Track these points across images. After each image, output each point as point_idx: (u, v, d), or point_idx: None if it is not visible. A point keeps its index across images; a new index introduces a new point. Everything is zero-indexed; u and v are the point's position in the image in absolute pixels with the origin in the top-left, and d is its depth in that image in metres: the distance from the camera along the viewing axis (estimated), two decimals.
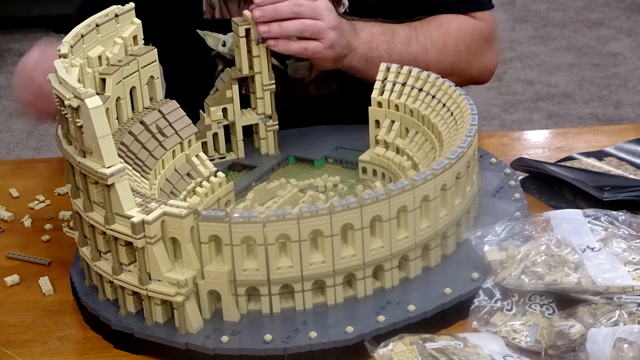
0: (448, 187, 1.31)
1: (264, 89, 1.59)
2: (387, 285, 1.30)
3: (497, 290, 1.28)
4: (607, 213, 1.38)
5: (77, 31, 1.38)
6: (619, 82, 4.09)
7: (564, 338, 1.17)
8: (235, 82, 1.58)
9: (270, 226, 1.21)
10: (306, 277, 1.25)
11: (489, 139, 1.78)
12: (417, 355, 1.15)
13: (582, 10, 4.83)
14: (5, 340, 1.32)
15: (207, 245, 1.23)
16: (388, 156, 1.54)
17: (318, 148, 1.66)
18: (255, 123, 1.63)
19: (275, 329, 1.24)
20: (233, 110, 1.60)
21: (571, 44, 4.48)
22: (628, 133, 1.77)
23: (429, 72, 1.52)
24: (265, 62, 1.57)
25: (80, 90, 1.19)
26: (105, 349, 1.29)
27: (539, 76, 4.17)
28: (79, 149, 1.25)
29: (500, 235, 1.35)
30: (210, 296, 1.26)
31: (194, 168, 1.49)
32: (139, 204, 1.24)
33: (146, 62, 1.46)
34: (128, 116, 1.45)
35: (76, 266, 1.40)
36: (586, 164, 1.64)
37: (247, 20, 1.54)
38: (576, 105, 3.92)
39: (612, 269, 1.26)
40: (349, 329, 1.23)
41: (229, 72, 1.58)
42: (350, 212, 1.23)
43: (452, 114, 1.45)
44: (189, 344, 1.23)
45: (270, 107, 1.61)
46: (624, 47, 4.41)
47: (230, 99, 1.58)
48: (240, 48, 1.56)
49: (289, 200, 1.47)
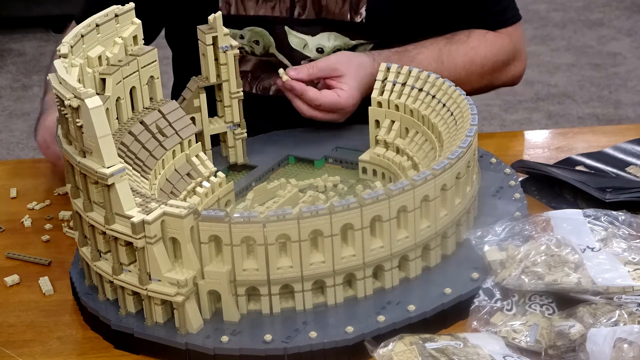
0: (448, 187, 1.31)
1: (232, 97, 1.57)
2: (387, 285, 1.30)
3: (497, 290, 1.28)
4: (607, 213, 1.38)
5: (77, 31, 1.38)
6: (619, 82, 4.09)
7: (564, 338, 1.17)
8: (202, 91, 1.55)
9: (270, 226, 1.21)
10: (306, 277, 1.25)
11: (489, 139, 1.78)
12: (417, 355, 1.15)
13: (582, 10, 4.83)
14: (5, 340, 1.32)
15: (207, 245, 1.23)
16: (388, 156, 1.54)
17: (318, 148, 1.66)
18: (223, 132, 1.61)
19: (275, 329, 1.24)
20: (201, 119, 1.57)
21: (571, 44, 4.48)
22: (628, 133, 1.77)
23: (429, 72, 1.52)
24: (232, 70, 1.55)
25: (80, 90, 1.19)
26: (105, 349, 1.29)
27: (539, 76, 4.17)
28: (79, 149, 1.25)
29: (500, 235, 1.35)
30: (210, 296, 1.26)
31: (194, 168, 1.49)
32: (139, 204, 1.24)
33: (146, 62, 1.46)
34: (128, 116, 1.45)
35: (76, 266, 1.40)
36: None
37: (213, 27, 1.53)
38: (576, 105, 3.92)
39: (612, 269, 1.26)
40: (349, 329, 1.23)
41: (195, 81, 1.56)
42: (350, 212, 1.23)
43: (452, 114, 1.45)
44: (189, 344, 1.23)
45: (238, 115, 1.59)
46: (624, 47, 4.41)
47: (198, 108, 1.56)
48: (207, 56, 1.54)
49: (289, 200, 1.47)
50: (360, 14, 1.72)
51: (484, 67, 1.78)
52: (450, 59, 1.74)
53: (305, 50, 1.75)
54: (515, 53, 1.83)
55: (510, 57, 1.82)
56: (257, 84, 1.80)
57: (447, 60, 1.73)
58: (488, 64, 1.78)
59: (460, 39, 1.77)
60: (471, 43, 1.77)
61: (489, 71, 1.79)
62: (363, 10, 1.72)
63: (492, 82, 1.82)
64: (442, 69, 1.72)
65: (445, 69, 1.72)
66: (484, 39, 1.78)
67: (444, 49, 1.74)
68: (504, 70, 1.82)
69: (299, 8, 1.73)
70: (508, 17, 1.82)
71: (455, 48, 1.75)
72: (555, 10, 4.84)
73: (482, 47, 1.77)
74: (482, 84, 1.80)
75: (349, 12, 1.72)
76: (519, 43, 1.84)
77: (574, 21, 4.71)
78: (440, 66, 1.72)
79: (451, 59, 1.74)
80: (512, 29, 1.82)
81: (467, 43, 1.76)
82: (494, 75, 1.81)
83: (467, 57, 1.75)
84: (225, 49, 1.53)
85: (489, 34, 1.79)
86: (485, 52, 1.77)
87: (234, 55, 1.54)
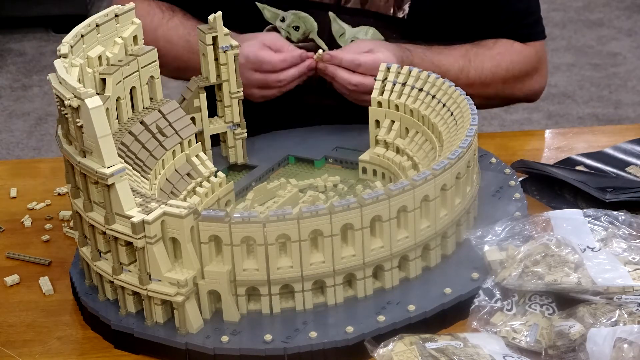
0: (448, 187, 1.31)
1: (232, 97, 1.57)
2: (387, 285, 1.30)
3: (497, 290, 1.28)
4: (607, 213, 1.38)
5: (77, 31, 1.38)
6: (619, 82, 4.09)
7: (564, 338, 1.17)
8: (202, 91, 1.55)
9: (270, 226, 1.21)
10: (306, 277, 1.25)
11: (489, 139, 1.78)
12: (417, 355, 1.15)
13: (582, 10, 4.83)
14: (5, 340, 1.32)
15: (207, 245, 1.23)
16: (388, 156, 1.54)
17: (318, 148, 1.66)
18: (223, 132, 1.61)
19: (275, 329, 1.24)
20: (201, 119, 1.57)
21: (571, 44, 4.48)
22: (628, 133, 1.77)
23: (429, 72, 1.52)
24: (232, 70, 1.55)
25: (80, 90, 1.19)
26: (105, 349, 1.29)
27: None
28: (79, 149, 1.25)
29: (500, 235, 1.35)
30: (210, 296, 1.26)
31: (194, 168, 1.49)
32: (139, 204, 1.24)
33: (146, 62, 1.46)
34: (128, 116, 1.45)
35: (76, 266, 1.40)
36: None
37: (213, 27, 1.53)
38: (576, 105, 3.92)
39: (612, 269, 1.26)
40: (349, 329, 1.23)
41: (195, 81, 1.55)
42: (350, 212, 1.23)
43: (452, 114, 1.45)
44: (189, 344, 1.23)
45: (238, 115, 1.59)
46: (624, 47, 4.41)
47: (198, 108, 1.55)
48: (207, 56, 1.54)
49: (289, 200, 1.47)
50: (403, 9, 1.75)
51: (509, 72, 1.79)
52: (477, 59, 1.76)
53: (340, 40, 1.76)
54: (539, 67, 1.85)
55: (534, 70, 1.84)
56: None
57: (474, 60, 1.76)
58: (513, 70, 1.80)
59: (487, 44, 1.79)
60: (498, 49, 1.79)
61: (512, 78, 1.81)
62: (406, 7, 1.75)
63: (514, 92, 1.84)
64: (469, 67, 1.74)
65: (472, 67, 1.75)
66: (511, 47, 1.80)
67: (471, 50, 1.77)
68: (527, 82, 1.84)
69: None
70: (537, 31, 1.85)
71: (483, 51, 1.78)
72: (555, 10, 4.83)
73: (509, 54, 1.80)
74: (505, 91, 1.82)
75: (393, 7, 1.75)
76: (542, 58, 1.86)
77: (574, 21, 4.71)
78: (467, 64, 1.75)
79: (478, 59, 1.76)
80: (539, 43, 1.85)
81: (494, 49, 1.79)
82: (517, 85, 1.83)
83: (494, 60, 1.78)
84: (225, 49, 1.53)
85: (516, 43, 1.81)
86: (512, 58, 1.80)
87: (234, 55, 1.54)
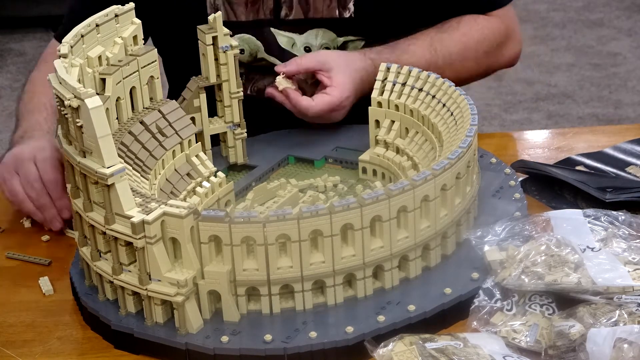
0: (448, 187, 1.31)
1: (232, 97, 1.57)
2: (387, 285, 1.30)
3: (497, 290, 1.28)
4: (607, 213, 1.38)
5: (77, 31, 1.38)
6: (619, 82, 4.09)
7: (564, 338, 1.17)
8: (202, 91, 1.55)
9: (270, 226, 1.21)
10: (306, 277, 1.25)
11: (489, 139, 1.78)
12: (417, 355, 1.15)
13: (582, 10, 4.83)
14: (5, 340, 1.32)
15: (207, 245, 1.23)
16: (388, 156, 1.54)
17: (318, 148, 1.66)
18: (223, 132, 1.61)
19: (275, 329, 1.24)
20: (201, 119, 1.57)
21: (571, 44, 4.48)
22: (628, 133, 1.77)
23: (429, 72, 1.52)
24: (232, 70, 1.55)
25: (80, 90, 1.19)
26: (105, 349, 1.29)
27: (539, 76, 4.17)
28: (79, 149, 1.25)
29: (500, 235, 1.35)
30: (210, 296, 1.26)
31: (194, 168, 1.49)
32: (139, 204, 1.24)
33: (146, 62, 1.46)
34: (128, 116, 1.45)
35: (76, 266, 1.40)
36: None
37: (213, 27, 1.53)
38: (576, 105, 3.92)
39: (612, 269, 1.26)
40: (349, 329, 1.23)
41: (195, 81, 1.55)
42: (350, 212, 1.23)
43: (452, 114, 1.45)
44: (189, 344, 1.23)
45: (238, 115, 1.59)
46: (624, 47, 4.41)
47: (198, 108, 1.55)
48: (207, 56, 1.54)
49: (289, 200, 1.47)
50: (348, 9, 1.72)
51: (478, 51, 1.76)
52: (443, 46, 1.73)
53: (293, 49, 1.75)
54: (509, 34, 1.81)
55: (504, 38, 1.80)
56: (252, 86, 1.79)
57: (440, 48, 1.72)
58: (482, 48, 1.77)
59: (451, 26, 1.75)
60: (463, 29, 1.75)
61: (483, 55, 1.77)
62: (351, 5, 1.72)
63: (489, 65, 1.81)
64: (437, 57, 1.71)
65: (439, 57, 1.71)
66: (475, 23, 1.77)
67: (435, 37, 1.73)
68: (499, 53, 1.81)
69: (285, 9, 1.73)
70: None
71: (448, 36, 1.74)
72: (555, 10, 4.83)
73: (474, 31, 1.76)
74: (479, 69, 1.79)
75: (337, 9, 1.72)
76: (511, 24, 1.82)
77: (574, 21, 4.71)
78: (434, 54, 1.71)
79: (444, 47, 1.73)
80: (503, 10, 1.80)
81: (458, 29, 1.75)
82: (490, 59, 1.79)
83: (460, 43, 1.74)
84: (225, 49, 1.53)
85: (479, 17, 1.77)
86: (478, 36, 1.76)
87: (234, 55, 1.54)
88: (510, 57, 1.84)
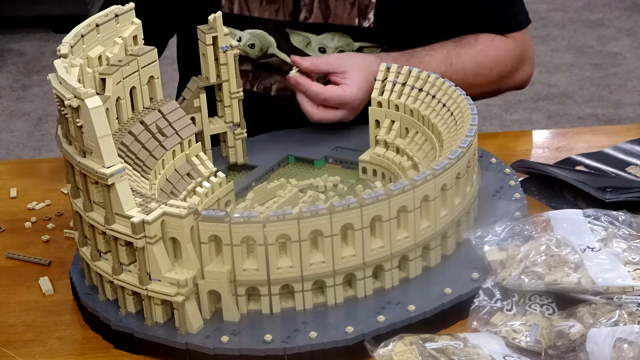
0: (448, 187, 1.31)
1: (232, 97, 1.57)
2: (387, 285, 1.30)
3: (497, 290, 1.28)
4: (607, 213, 1.38)
5: (77, 31, 1.38)
6: (619, 82, 4.09)
7: (564, 338, 1.17)
8: (202, 91, 1.55)
9: (270, 226, 1.21)
10: (306, 277, 1.25)
11: (489, 139, 1.78)
12: (417, 355, 1.15)
13: (582, 10, 4.83)
14: (5, 340, 1.32)
15: (207, 245, 1.23)
16: (388, 156, 1.54)
17: (318, 148, 1.66)
18: (223, 132, 1.61)
19: (275, 329, 1.24)
20: (201, 119, 1.57)
21: (571, 44, 4.48)
22: (628, 133, 1.77)
23: (429, 72, 1.52)
24: (232, 70, 1.55)
25: (80, 90, 1.19)
26: (105, 349, 1.29)
27: (539, 76, 4.17)
28: (79, 149, 1.25)
29: (500, 235, 1.35)
30: (210, 296, 1.26)
31: (194, 168, 1.49)
32: (139, 204, 1.24)
33: (146, 62, 1.46)
34: (128, 116, 1.45)
35: (76, 266, 1.40)
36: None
37: (213, 27, 1.53)
38: (576, 105, 3.92)
39: (612, 269, 1.26)
40: (349, 329, 1.23)
41: (195, 81, 1.55)
42: (350, 212, 1.23)
43: (452, 114, 1.45)
44: (189, 344, 1.23)
45: (238, 115, 1.59)
46: (624, 47, 4.41)
47: (198, 108, 1.55)
48: (207, 56, 1.54)
49: (289, 200, 1.47)
50: (368, 18, 1.71)
51: (493, 70, 1.77)
52: (459, 61, 1.73)
53: (307, 49, 1.75)
54: (524, 57, 1.82)
55: (519, 61, 1.81)
56: (258, 83, 1.79)
57: (456, 63, 1.73)
58: (497, 67, 1.77)
59: (469, 42, 1.76)
60: (480, 46, 1.76)
61: (497, 75, 1.78)
62: (371, 15, 1.71)
63: (500, 86, 1.82)
64: (451, 71, 1.71)
65: (454, 71, 1.71)
66: (492, 42, 1.77)
67: (452, 51, 1.73)
68: (512, 75, 1.82)
69: (305, 12, 1.73)
70: (517, 21, 1.81)
71: (464, 51, 1.74)
72: (555, 10, 4.83)
73: (491, 50, 1.76)
74: (491, 88, 1.80)
75: (357, 17, 1.71)
76: (526, 47, 1.83)
77: (574, 21, 4.71)
78: (449, 68, 1.72)
79: (460, 62, 1.73)
80: (520, 33, 1.81)
81: (475, 46, 1.75)
82: (502, 80, 1.80)
83: (476, 60, 1.74)
84: (225, 49, 1.53)
85: (497, 37, 1.78)
86: (494, 56, 1.77)
87: (234, 55, 1.54)
88: (522, 80, 1.85)
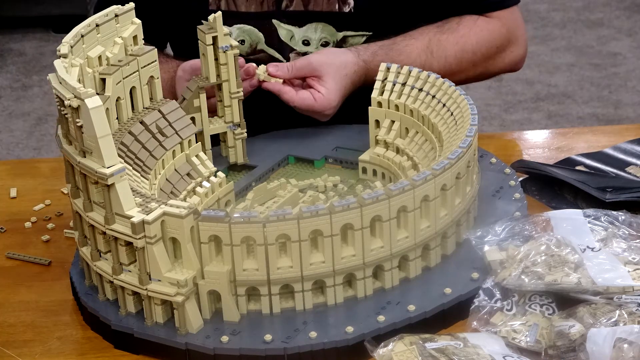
0: (448, 187, 1.31)
1: (232, 97, 1.57)
2: (387, 285, 1.30)
3: (497, 290, 1.28)
4: (607, 213, 1.38)
5: (77, 31, 1.38)
6: (619, 82, 4.09)
7: (564, 338, 1.17)
8: (202, 91, 1.54)
9: (270, 226, 1.21)
10: (306, 277, 1.25)
11: (489, 139, 1.78)
12: (417, 355, 1.15)
13: (582, 10, 4.83)
14: (5, 340, 1.32)
15: (207, 245, 1.23)
16: (388, 156, 1.54)
17: (318, 148, 1.66)
18: (223, 132, 1.61)
19: (275, 329, 1.24)
20: (201, 119, 1.56)
21: (571, 44, 4.48)
22: (628, 133, 1.77)
23: (429, 72, 1.52)
24: (232, 70, 1.55)
25: (80, 90, 1.19)
26: (105, 349, 1.29)
27: (539, 76, 4.17)
28: (79, 149, 1.25)
29: (500, 235, 1.35)
30: (210, 296, 1.26)
31: (194, 168, 1.49)
32: (139, 204, 1.24)
33: (146, 62, 1.46)
34: (128, 116, 1.45)
35: (76, 266, 1.40)
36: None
37: (213, 27, 1.53)
38: (576, 105, 3.92)
39: (612, 269, 1.26)
40: (349, 329, 1.23)
41: (195, 81, 1.55)
42: (350, 212, 1.23)
43: (452, 114, 1.45)
44: (189, 344, 1.23)
45: (238, 115, 1.59)
46: (624, 47, 4.41)
47: (198, 108, 1.55)
48: (207, 56, 1.54)
49: (289, 200, 1.47)
50: (348, 3, 1.72)
51: (476, 54, 1.74)
52: (440, 48, 1.71)
53: (292, 42, 1.75)
54: (511, 37, 1.78)
55: (505, 42, 1.77)
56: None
57: (437, 50, 1.71)
58: (480, 50, 1.74)
59: (451, 27, 1.73)
60: (461, 31, 1.73)
61: (481, 58, 1.75)
62: (351, 0, 1.72)
63: (488, 69, 1.78)
64: (432, 59, 1.70)
65: (435, 59, 1.70)
66: (474, 25, 1.74)
67: (433, 38, 1.72)
68: (499, 57, 1.78)
69: (286, 0, 1.73)
70: (499, 0, 1.77)
71: (446, 37, 1.72)
72: (555, 10, 4.84)
73: (473, 34, 1.73)
74: (477, 72, 1.77)
75: (337, 3, 1.72)
76: (514, 27, 1.78)
77: (574, 21, 4.71)
78: (429, 57, 1.70)
79: (441, 49, 1.71)
80: (505, 12, 1.77)
81: (457, 31, 1.73)
82: (488, 62, 1.77)
83: (457, 45, 1.72)
84: (225, 48, 1.53)
85: (480, 19, 1.75)
86: (477, 38, 1.73)
87: (234, 55, 1.54)
88: (512, 61, 1.81)
